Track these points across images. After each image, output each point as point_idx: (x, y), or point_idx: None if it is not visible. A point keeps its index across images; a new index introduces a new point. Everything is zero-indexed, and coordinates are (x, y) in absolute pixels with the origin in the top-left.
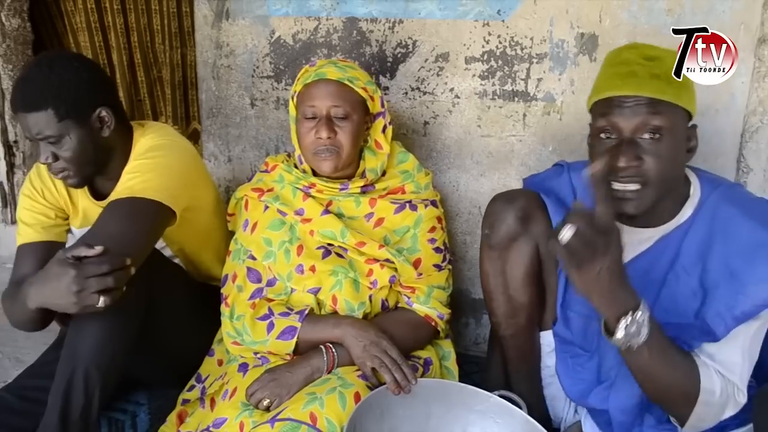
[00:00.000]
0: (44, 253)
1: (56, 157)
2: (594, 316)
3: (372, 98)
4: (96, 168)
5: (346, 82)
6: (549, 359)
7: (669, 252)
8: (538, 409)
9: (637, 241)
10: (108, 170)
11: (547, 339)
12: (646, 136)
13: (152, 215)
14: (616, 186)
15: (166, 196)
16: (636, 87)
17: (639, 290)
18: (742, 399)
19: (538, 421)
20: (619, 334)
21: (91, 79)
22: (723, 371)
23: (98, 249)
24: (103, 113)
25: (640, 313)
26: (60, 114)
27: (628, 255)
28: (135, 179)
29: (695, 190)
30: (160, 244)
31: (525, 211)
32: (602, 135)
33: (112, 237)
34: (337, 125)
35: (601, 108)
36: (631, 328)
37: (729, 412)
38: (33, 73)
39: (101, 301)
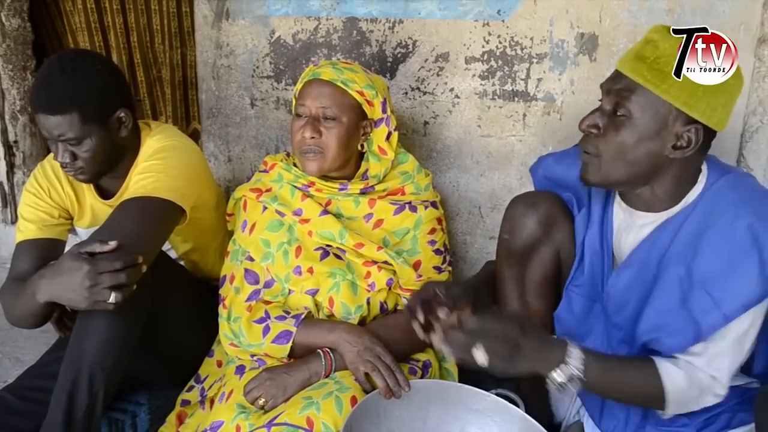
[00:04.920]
0: (44, 250)
1: (74, 157)
2: (597, 299)
3: (370, 103)
4: (109, 166)
5: (339, 84)
6: None
7: (665, 237)
8: (541, 409)
9: (639, 224)
10: (116, 168)
11: None
12: (617, 112)
13: (164, 214)
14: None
15: (177, 195)
16: (620, 63)
17: (639, 279)
18: (722, 392)
19: (540, 421)
20: (554, 383)
21: (113, 82)
22: (704, 366)
23: (112, 244)
24: (122, 114)
25: (569, 361)
26: (85, 118)
27: (631, 238)
28: (147, 179)
29: (703, 177)
30: (165, 246)
31: (548, 217)
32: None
33: (125, 234)
34: (324, 126)
35: None
36: (566, 378)
37: (709, 401)
38: (57, 75)
39: (112, 297)
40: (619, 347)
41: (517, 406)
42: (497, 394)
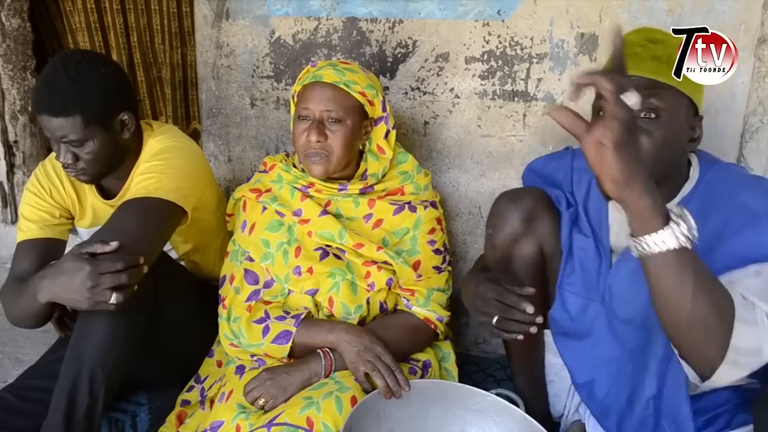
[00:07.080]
0: (45, 250)
1: (76, 158)
2: (593, 299)
3: (371, 103)
4: (111, 168)
5: (342, 86)
6: (554, 357)
7: None
8: (540, 405)
9: None
10: (118, 169)
11: (551, 337)
12: (642, 115)
13: (165, 215)
14: None
15: (178, 196)
16: (636, 67)
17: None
18: None
19: (539, 418)
20: (673, 227)
21: (117, 85)
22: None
23: (113, 245)
24: (125, 117)
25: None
26: (87, 120)
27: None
28: (149, 180)
29: (694, 171)
30: (165, 247)
31: (530, 212)
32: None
33: (126, 235)
34: (329, 129)
35: None
36: (682, 219)
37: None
38: (60, 76)
39: (113, 298)
40: (631, 339)
41: (517, 406)
42: (497, 394)
